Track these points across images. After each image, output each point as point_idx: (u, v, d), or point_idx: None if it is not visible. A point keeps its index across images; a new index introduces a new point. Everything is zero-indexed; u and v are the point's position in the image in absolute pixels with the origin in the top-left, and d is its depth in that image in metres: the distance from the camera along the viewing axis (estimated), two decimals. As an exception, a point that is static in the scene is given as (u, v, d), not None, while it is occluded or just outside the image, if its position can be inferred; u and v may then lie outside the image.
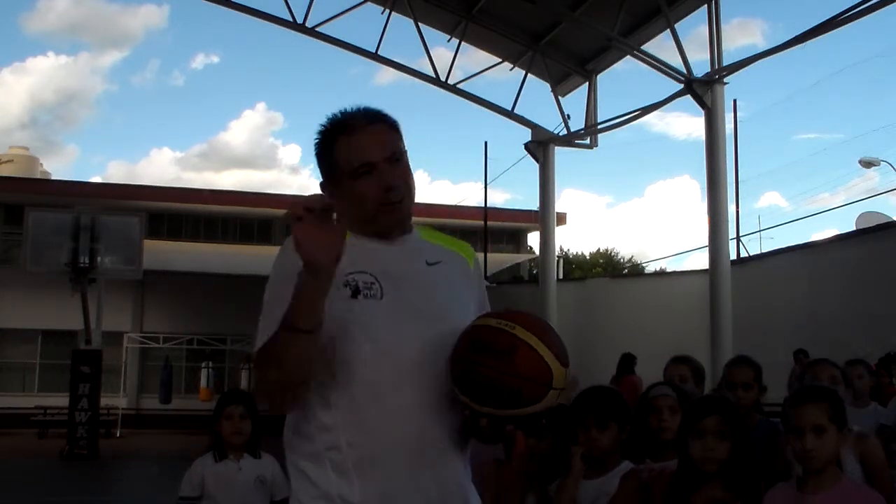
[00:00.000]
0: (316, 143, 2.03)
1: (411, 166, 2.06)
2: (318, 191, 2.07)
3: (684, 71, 13.96)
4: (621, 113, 16.80)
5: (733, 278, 13.68)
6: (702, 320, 13.79)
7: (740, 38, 48.83)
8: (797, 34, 12.48)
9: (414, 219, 2.10)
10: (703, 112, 14.06)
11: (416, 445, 1.89)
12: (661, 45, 16.70)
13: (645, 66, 14.89)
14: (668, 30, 14.14)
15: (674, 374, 4.06)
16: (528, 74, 17.90)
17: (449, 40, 17.81)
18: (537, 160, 18.24)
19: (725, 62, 14.05)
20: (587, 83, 17.69)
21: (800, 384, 5.00)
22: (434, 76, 17.71)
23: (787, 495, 2.60)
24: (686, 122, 64.71)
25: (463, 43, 17.48)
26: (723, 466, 2.57)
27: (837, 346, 8.61)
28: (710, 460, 2.58)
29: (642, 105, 16.19)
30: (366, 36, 25.51)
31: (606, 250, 42.44)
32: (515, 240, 27.69)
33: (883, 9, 11.32)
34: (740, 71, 13.92)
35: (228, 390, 8.18)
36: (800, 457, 2.55)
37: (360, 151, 1.95)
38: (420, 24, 16.96)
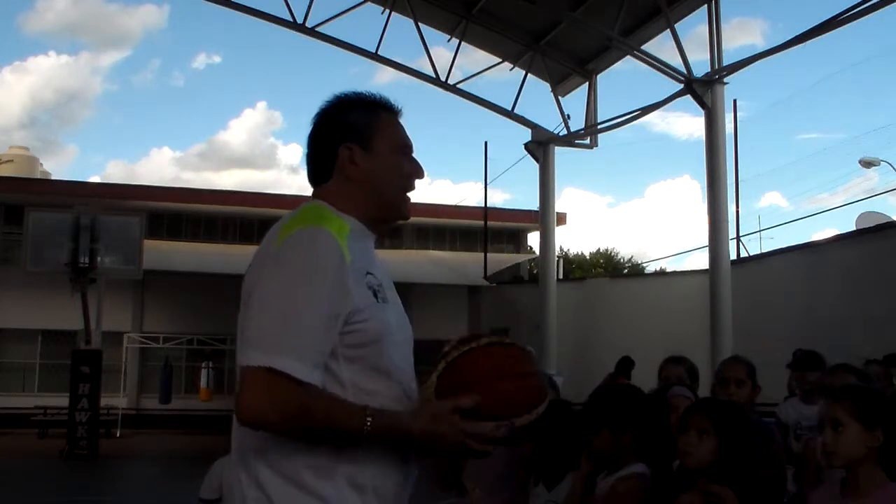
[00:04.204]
0: (352, 102, 2.01)
1: None
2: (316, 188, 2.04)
3: (684, 71, 13.95)
4: (621, 113, 16.81)
5: (733, 278, 13.67)
6: (702, 320, 13.79)
7: (740, 38, 48.87)
8: (797, 34, 12.48)
9: (415, 219, 2.12)
10: (703, 112, 14.06)
11: (409, 461, 1.87)
12: (661, 45, 16.73)
13: (645, 66, 14.89)
14: (668, 30, 14.13)
15: (671, 375, 4.06)
16: (528, 74, 17.89)
17: (449, 40, 17.80)
18: (537, 160, 18.23)
19: (725, 62, 14.04)
20: (587, 83, 17.69)
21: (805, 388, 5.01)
22: (434, 76, 17.70)
23: (830, 498, 2.57)
24: (686, 122, 64.72)
25: (463, 43, 17.48)
26: (713, 464, 2.56)
27: (837, 347, 8.60)
28: (688, 455, 2.59)
29: (642, 105, 16.20)
30: (366, 36, 25.55)
31: (606, 250, 42.43)
32: (515, 240, 27.67)
33: (882, 9, 11.32)
34: (740, 71, 13.91)
35: None
36: (822, 453, 2.52)
37: (404, 134, 2.04)
38: (420, 24, 16.95)
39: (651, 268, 37.42)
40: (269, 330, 1.71)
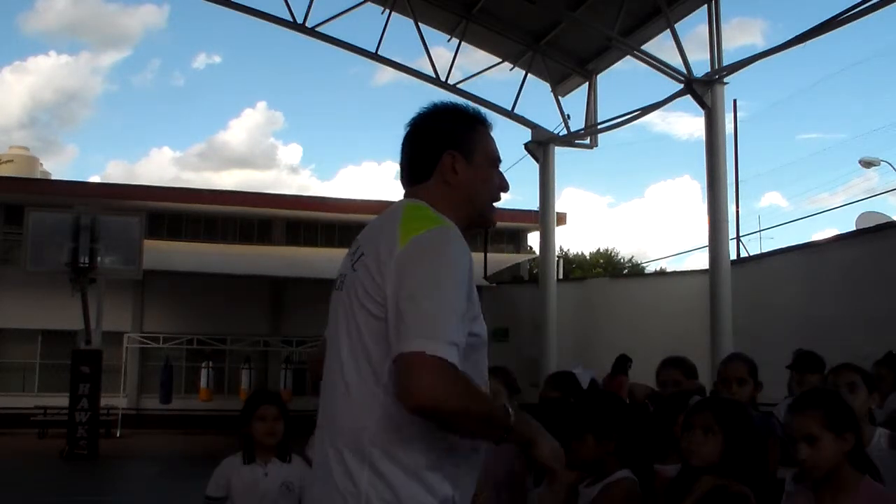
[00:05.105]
0: (456, 113, 2.13)
1: None
2: (315, 187, 2.11)
3: (684, 71, 13.94)
4: (621, 113, 16.81)
5: (733, 278, 13.66)
6: (702, 320, 13.78)
7: (740, 38, 48.96)
8: (797, 34, 12.47)
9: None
10: (703, 112, 14.06)
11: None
12: (661, 45, 16.74)
13: (645, 66, 14.89)
14: (668, 30, 14.13)
15: (667, 379, 4.06)
16: (528, 74, 17.89)
17: (449, 40, 17.80)
18: (537, 160, 18.22)
19: (725, 62, 14.03)
20: (587, 83, 17.68)
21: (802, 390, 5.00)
22: (434, 76, 17.70)
23: (804, 498, 2.57)
24: (687, 122, 64.74)
25: (463, 43, 17.48)
26: (720, 461, 2.56)
27: (837, 347, 8.60)
28: (693, 453, 2.59)
29: (642, 105, 16.19)
30: (366, 36, 25.57)
31: (606, 250, 42.44)
32: (515, 240, 27.66)
33: (883, 9, 11.31)
34: (740, 71, 13.90)
35: (258, 390, 8.05)
36: (799, 465, 2.53)
37: (496, 148, 2.16)
38: (420, 24, 16.95)
39: (651, 268, 37.48)
40: (428, 321, 1.76)
